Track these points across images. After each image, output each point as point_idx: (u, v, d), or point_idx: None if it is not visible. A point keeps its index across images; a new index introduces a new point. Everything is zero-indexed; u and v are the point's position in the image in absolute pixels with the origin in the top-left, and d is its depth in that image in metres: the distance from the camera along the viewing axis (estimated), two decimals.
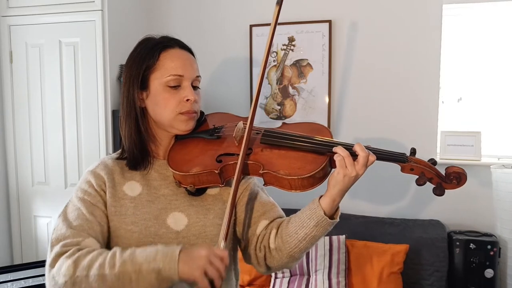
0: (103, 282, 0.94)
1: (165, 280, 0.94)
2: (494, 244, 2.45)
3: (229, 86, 3.05)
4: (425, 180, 1.07)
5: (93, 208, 1.09)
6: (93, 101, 2.68)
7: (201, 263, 0.94)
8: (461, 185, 1.06)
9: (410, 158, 1.07)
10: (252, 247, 1.17)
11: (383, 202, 2.79)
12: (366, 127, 2.84)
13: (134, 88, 1.13)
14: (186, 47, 1.19)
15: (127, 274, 0.94)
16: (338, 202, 1.08)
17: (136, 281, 0.94)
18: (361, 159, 1.04)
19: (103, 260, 0.96)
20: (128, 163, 1.16)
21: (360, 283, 2.46)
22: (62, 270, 0.96)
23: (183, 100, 1.12)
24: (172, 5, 3.15)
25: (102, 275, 0.94)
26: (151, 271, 0.94)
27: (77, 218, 1.06)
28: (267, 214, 1.18)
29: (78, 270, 0.95)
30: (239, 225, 1.20)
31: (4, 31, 2.80)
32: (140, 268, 0.94)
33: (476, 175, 2.64)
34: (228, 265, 0.99)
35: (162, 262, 0.94)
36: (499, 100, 2.73)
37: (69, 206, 1.10)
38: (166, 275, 0.94)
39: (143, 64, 1.13)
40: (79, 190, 1.12)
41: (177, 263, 0.93)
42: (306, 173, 1.04)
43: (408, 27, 2.74)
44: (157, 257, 0.95)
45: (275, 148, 1.11)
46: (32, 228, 2.87)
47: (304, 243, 1.09)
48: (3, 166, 2.87)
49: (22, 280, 2.18)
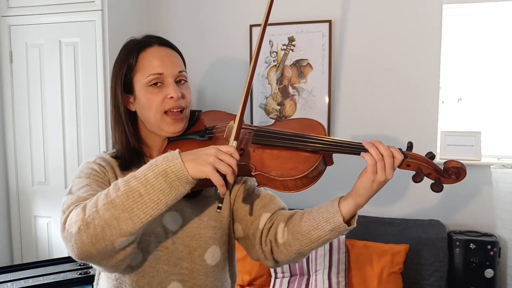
0: (114, 207, 0.87)
1: (176, 181, 0.88)
2: (494, 244, 2.45)
3: (229, 86, 3.04)
4: (423, 177, 1.02)
5: (101, 184, 1.06)
6: (93, 101, 2.68)
7: (210, 159, 0.89)
8: (460, 180, 1.00)
9: (407, 153, 1.02)
10: (257, 242, 1.14)
11: (383, 202, 2.79)
12: (366, 127, 2.84)
13: (119, 93, 1.12)
14: (167, 43, 1.15)
15: (134, 189, 0.88)
16: (360, 208, 1.03)
17: (147, 193, 0.87)
18: (388, 160, 0.97)
19: (107, 190, 0.91)
20: (120, 164, 1.14)
21: (360, 283, 2.46)
22: (73, 220, 0.90)
23: (167, 98, 1.09)
24: (172, 5, 3.15)
25: (110, 201, 0.88)
26: (158, 175, 0.87)
27: (85, 191, 1.01)
28: (267, 207, 1.15)
29: (87, 211, 0.89)
30: (240, 222, 1.18)
31: (4, 31, 2.80)
32: (145, 178, 0.88)
33: (476, 175, 2.63)
34: (239, 159, 0.94)
35: (165, 164, 0.88)
36: (499, 100, 2.73)
37: (74, 186, 1.04)
38: (175, 176, 0.87)
39: (124, 67, 1.11)
40: (81, 173, 1.08)
41: (182, 162, 0.88)
42: (299, 173, 1.01)
43: (408, 27, 2.74)
44: (158, 162, 0.89)
45: (267, 148, 1.08)
46: (32, 228, 2.87)
47: (316, 244, 1.06)
48: (3, 166, 2.87)
49: (22, 280, 2.18)
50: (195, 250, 1.11)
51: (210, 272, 1.13)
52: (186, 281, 1.10)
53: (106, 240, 0.87)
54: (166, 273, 1.08)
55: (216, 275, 1.14)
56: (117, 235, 0.87)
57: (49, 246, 2.86)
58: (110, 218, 0.87)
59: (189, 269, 1.10)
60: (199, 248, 1.11)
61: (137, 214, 0.87)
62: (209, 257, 1.12)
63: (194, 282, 1.11)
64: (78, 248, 0.89)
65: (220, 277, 1.16)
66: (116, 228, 0.87)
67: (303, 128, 1.11)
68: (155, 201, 0.87)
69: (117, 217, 0.87)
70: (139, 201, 0.87)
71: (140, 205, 0.87)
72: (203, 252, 1.11)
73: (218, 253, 1.14)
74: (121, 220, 0.87)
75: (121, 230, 0.87)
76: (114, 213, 0.87)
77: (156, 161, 0.90)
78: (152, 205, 0.87)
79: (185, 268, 1.10)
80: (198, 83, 3.05)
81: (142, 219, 0.88)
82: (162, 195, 0.87)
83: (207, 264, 1.12)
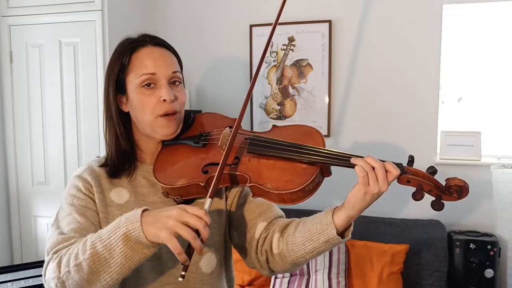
0: (82, 271, 0.89)
1: (136, 245, 0.87)
2: (494, 244, 2.45)
3: (229, 86, 3.04)
4: (423, 194, 0.98)
5: (83, 209, 1.06)
6: (93, 101, 2.68)
7: (169, 223, 0.84)
8: (462, 198, 0.98)
9: (407, 169, 0.97)
10: (253, 251, 1.12)
11: (383, 202, 2.78)
12: (366, 126, 2.84)
13: (112, 93, 1.09)
14: (162, 43, 1.12)
15: (99, 254, 0.89)
16: (354, 219, 1.00)
17: (110, 257, 0.88)
18: (379, 172, 0.94)
19: (77, 249, 0.92)
20: (108, 171, 1.11)
21: (360, 283, 2.46)
22: (50, 275, 0.94)
23: (160, 101, 1.06)
24: (172, 5, 3.15)
25: (78, 264, 0.90)
26: (119, 240, 0.87)
27: (68, 223, 1.03)
28: (264, 215, 1.13)
29: (62, 269, 0.92)
30: (235, 229, 1.16)
31: (4, 31, 2.80)
32: (109, 241, 0.88)
33: (476, 175, 2.63)
34: (210, 223, 0.88)
35: (125, 227, 0.87)
36: (499, 100, 2.73)
37: (60, 213, 1.07)
38: (134, 240, 0.87)
39: (116, 67, 1.09)
40: (67, 195, 1.09)
41: (141, 225, 0.86)
42: (295, 187, 0.97)
43: (408, 27, 2.74)
44: (121, 223, 0.89)
45: (263, 158, 1.04)
46: (32, 228, 2.87)
47: (311, 255, 1.04)
48: (3, 166, 2.87)
49: (22, 280, 2.18)
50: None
51: (206, 279, 1.11)
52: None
53: None
54: (161, 282, 1.07)
55: (212, 283, 1.13)
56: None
57: None
58: (80, 280, 0.91)
59: (184, 278, 1.10)
60: (194, 256, 1.10)
61: (103, 277, 0.90)
62: (204, 265, 1.11)
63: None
64: None
65: (216, 284, 1.14)
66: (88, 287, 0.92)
67: (301, 135, 1.07)
68: (119, 265, 0.89)
69: (86, 279, 0.91)
70: (104, 265, 0.89)
71: (106, 268, 0.90)
72: (198, 259, 1.09)
73: (213, 260, 1.12)
74: (91, 282, 0.91)
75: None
76: (83, 276, 0.90)
77: (119, 222, 0.90)
78: (116, 269, 0.90)
79: None
80: (198, 83, 3.04)
81: (109, 282, 0.91)
82: (124, 260, 0.89)
83: (203, 272, 1.10)
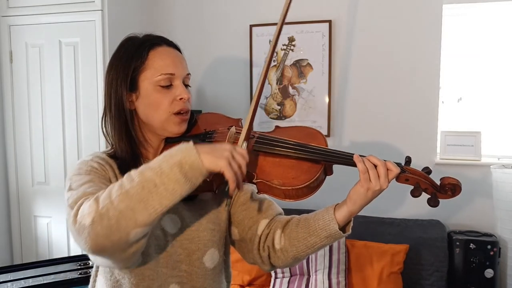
0: (129, 198, 0.85)
1: (190, 172, 0.87)
2: (494, 244, 2.45)
3: (229, 86, 3.05)
4: (421, 191, 1.05)
5: (103, 180, 1.02)
6: (93, 101, 2.68)
7: (225, 154, 0.88)
8: (455, 195, 1.05)
9: (406, 168, 1.04)
10: (255, 247, 1.15)
11: (383, 202, 2.78)
12: (366, 126, 2.84)
13: (123, 91, 1.08)
14: (173, 44, 1.14)
15: (149, 179, 0.86)
16: (355, 215, 1.05)
17: (162, 183, 0.86)
18: (381, 169, 1.00)
19: (120, 182, 0.89)
20: (119, 168, 1.09)
21: (360, 283, 2.46)
22: (85, 211, 0.87)
23: (176, 99, 1.08)
24: (172, 5, 3.15)
25: (125, 192, 0.86)
26: (173, 166, 0.86)
27: (89, 187, 0.97)
28: (266, 212, 1.16)
29: (101, 202, 0.86)
30: (236, 226, 1.18)
31: (4, 31, 2.80)
32: (160, 168, 0.87)
33: (476, 175, 2.63)
34: (248, 162, 0.93)
35: (180, 155, 0.87)
36: (499, 100, 2.73)
37: (73, 184, 0.99)
38: (189, 167, 0.86)
39: (130, 64, 1.07)
40: (81, 170, 1.03)
41: (197, 153, 0.87)
42: (301, 183, 1.02)
43: (408, 27, 2.74)
44: (173, 153, 0.88)
45: (269, 156, 1.07)
46: (32, 228, 2.87)
47: (312, 250, 1.09)
48: (3, 166, 2.86)
49: (22, 280, 2.18)
50: (194, 253, 1.10)
51: (209, 274, 1.13)
52: (184, 283, 1.10)
53: (121, 232, 0.85)
54: (165, 276, 1.08)
55: (214, 278, 1.15)
56: (133, 226, 0.86)
57: (49, 246, 2.86)
58: (125, 209, 0.85)
59: (188, 272, 1.10)
60: (198, 251, 1.11)
61: (152, 205, 0.85)
62: (208, 260, 1.12)
63: (192, 285, 1.11)
64: (91, 240, 0.85)
65: (217, 280, 1.16)
66: (132, 219, 0.85)
67: (304, 137, 1.11)
68: (170, 191, 0.86)
69: (132, 208, 0.85)
70: (154, 192, 0.85)
71: (156, 195, 0.86)
72: (201, 255, 1.11)
73: (216, 256, 1.14)
74: (137, 211, 0.85)
75: (136, 221, 0.85)
76: (129, 203, 0.85)
77: (170, 152, 0.89)
78: (167, 195, 0.86)
79: (184, 271, 1.10)
80: (198, 83, 3.04)
81: (157, 210, 0.86)
82: (177, 186, 0.86)
83: (206, 267, 1.12)
